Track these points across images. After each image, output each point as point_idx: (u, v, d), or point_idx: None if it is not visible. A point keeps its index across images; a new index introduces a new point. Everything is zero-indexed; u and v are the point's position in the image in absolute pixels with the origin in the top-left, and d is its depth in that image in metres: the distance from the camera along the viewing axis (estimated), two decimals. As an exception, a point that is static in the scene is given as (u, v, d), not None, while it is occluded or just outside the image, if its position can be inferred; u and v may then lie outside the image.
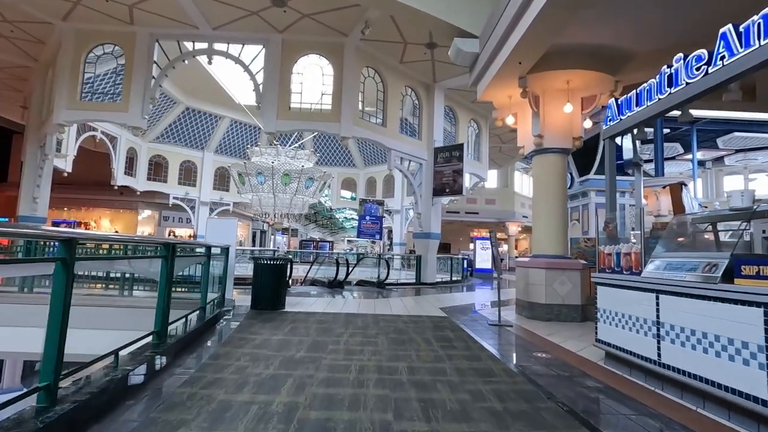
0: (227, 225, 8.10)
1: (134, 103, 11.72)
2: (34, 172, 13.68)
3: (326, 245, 28.82)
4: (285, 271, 7.75)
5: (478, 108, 16.44)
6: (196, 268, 6.75)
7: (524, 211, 30.70)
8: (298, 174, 18.21)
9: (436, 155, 14.18)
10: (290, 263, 11.05)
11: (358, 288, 12.46)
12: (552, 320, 7.31)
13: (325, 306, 8.28)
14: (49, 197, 14.13)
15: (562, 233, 7.82)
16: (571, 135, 7.84)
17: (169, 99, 21.38)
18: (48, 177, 14.00)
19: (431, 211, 14.20)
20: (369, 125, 12.63)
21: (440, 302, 9.67)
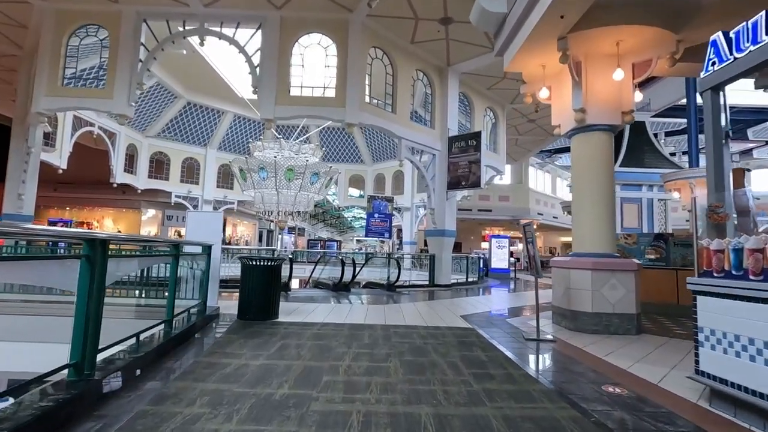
0: (211, 219, 6.84)
1: (119, 89, 10.54)
2: (19, 167, 12.57)
3: (334, 244, 27.60)
4: (278, 274, 6.46)
5: (494, 95, 15.04)
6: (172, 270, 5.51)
7: (539, 208, 29.22)
8: (303, 169, 16.96)
9: (451, 145, 12.81)
10: (290, 264, 9.78)
11: (365, 291, 11.15)
12: (600, 332, 5.92)
13: (327, 314, 6.97)
14: (35, 194, 13.02)
15: (610, 227, 6.42)
16: (619, 109, 6.43)
17: (170, 93, 20.30)
18: (34, 173, 12.88)
19: (445, 206, 12.84)
20: (377, 111, 11.31)
21: (459, 308, 8.31)
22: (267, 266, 6.29)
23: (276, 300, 6.41)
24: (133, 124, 20.66)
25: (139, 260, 4.19)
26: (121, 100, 10.52)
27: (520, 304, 9.45)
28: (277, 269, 6.41)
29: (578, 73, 6.42)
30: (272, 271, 6.33)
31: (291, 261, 9.93)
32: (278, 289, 6.46)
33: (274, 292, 6.34)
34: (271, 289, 6.31)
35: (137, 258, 4.11)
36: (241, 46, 10.67)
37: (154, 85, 19.25)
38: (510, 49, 6.98)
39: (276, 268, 6.38)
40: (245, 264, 6.27)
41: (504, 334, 5.90)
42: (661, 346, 5.31)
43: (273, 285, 6.34)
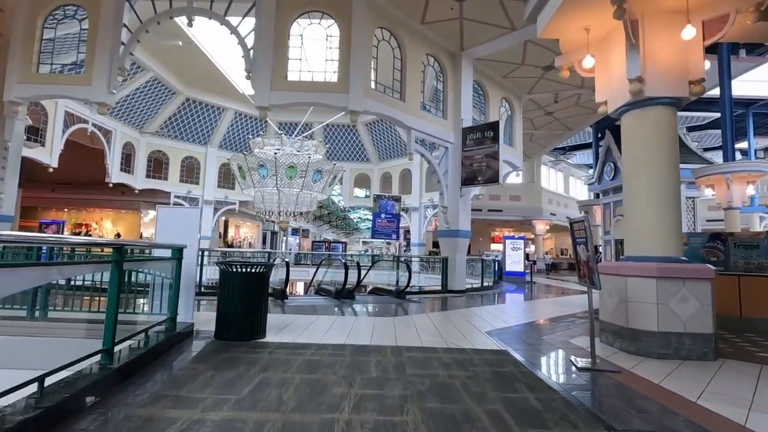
0: (186, 217, 5.61)
1: (99, 76, 9.38)
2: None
3: (339, 246, 26.38)
4: (266, 283, 5.22)
5: (511, 84, 13.74)
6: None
7: (552, 207, 27.83)
8: (305, 167, 15.77)
9: (465, 137, 11.53)
10: (286, 268, 8.56)
11: (371, 298, 9.88)
12: (668, 357, 4.62)
13: (326, 330, 5.72)
14: (15, 194, 11.91)
15: (676, 224, 5.11)
16: (686, 77, 5.13)
17: (167, 89, 19.21)
18: (14, 170, 11.75)
19: (459, 204, 11.55)
20: (383, 98, 10.06)
21: (481, 321, 7.02)
22: (251, 273, 5.05)
23: (262, 315, 5.16)
24: (129, 121, 19.61)
25: (42, 270, 2.94)
26: (100, 87, 9.37)
27: (550, 314, 8.13)
28: (264, 277, 5.17)
29: (635, 34, 5.13)
30: (258, 279, 5.09)
31: (288, 265, 8.70)
32: (265, 301, 5.22)
33: (259, 306, 5.10)
34: (257, 302, 5.07)
35: (29, 268, 2.85)
36: (234, 27, 9.49)
37: (151, 80, 18.18)
38: (546, 9, 5.70)
39: (262, 275, 5.14)
40: (224, 271, 5.03)
41: (547, 359, 4.61)
42: (760, 378, 4.00)
43: (259, 296, 5.10)
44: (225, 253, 17.22)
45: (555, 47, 11.66)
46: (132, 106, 18.86)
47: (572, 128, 17.54)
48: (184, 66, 18.18)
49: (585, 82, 13.41)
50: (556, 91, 13.99)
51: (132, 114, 19.26)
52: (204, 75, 18.71)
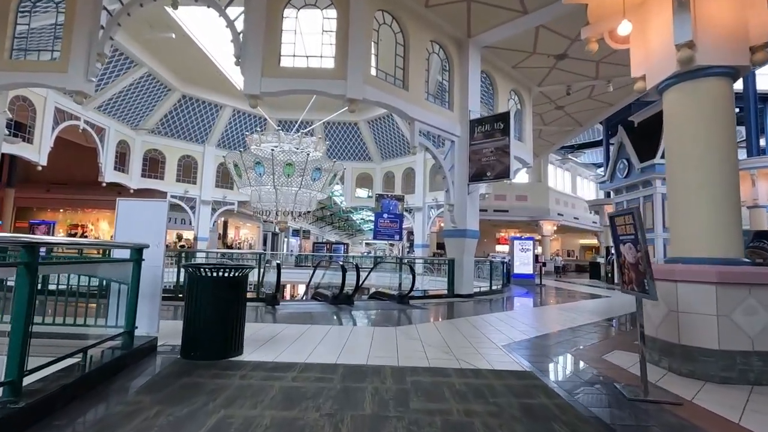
0: (152, 211, 4.77)
1: (76, 62, 8.58)
2: (-25, 160, 10.68)
3: (341, 248, 25.52)
4: (242, 289, 4.36)
5: (521, 75, 12.85)
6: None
7: (559, 208, 26.87)
8: (303, 164, 14.93)
9: (473, 130, 10.65)
10: (277, 270, 7.70)
11: (372, 304, 8.98)
12: (733, 381, 3.71)
13: (316, 344, 4.84)
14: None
15: (737, 219, 4.21)
16: (746, 42, 4.24)
17: (162, 85, 18.44)
18: (-6, 166, 11.00)
19: (467, 201, 10.66)
20: (385, 85, 9.20)
21: (495, 331, 6.12)
22: (224, 279, 4.19)
23: (238, 327, 4.29)
24: (123, 119, 18.85)
25: None
26: (77, 74, 8.56)
27: (569, 322, 7.21)
28: (240, 283, 4.30)
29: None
30: (232, 285, 4.22)
31: (279, 267, 7.83)
32: (241, 310, 4.35)
33: (234, 317, 4.23)
34: (231, 312, 4.20)
35: None
36: (222, 9, 8.66)
37: (144, 75, 17.42)
38: (575, -33, 4.82)
39: (238, 281, 4.28)
40: (191, 275, 4.17)
41: (585, 384, 3.71)
42: None
43: (233, 306, 4.23)
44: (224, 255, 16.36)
45: (570, 32, 10.78)
46: (126, 103, 18.10)
47: (583, 124, 16.62)
48: (179, 61, 17.41)
49: (600, 73, 12.52)
50: (568, 82, 13.08)
51: (126, 111, 18.50)
52: (200, 70, 17.94)
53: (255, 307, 7.72)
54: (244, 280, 4.38)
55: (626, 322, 7.75)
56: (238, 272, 4.30)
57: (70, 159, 20.87)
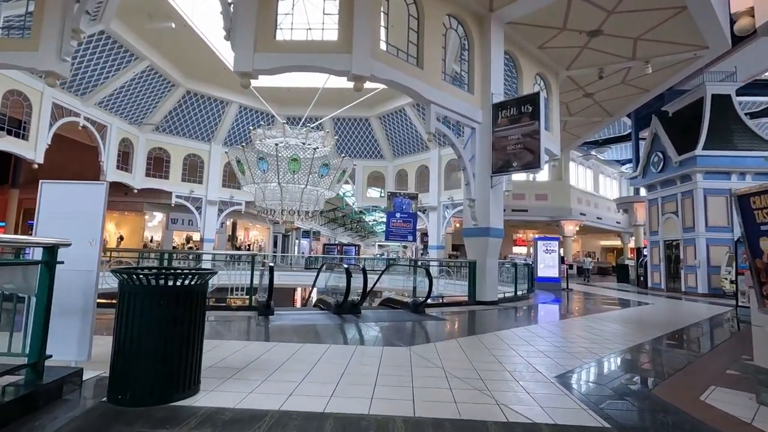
0: (84, 196, 3.56)
1: (48, 39, 7.51)
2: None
3: (352, 250, 24.28)
4: (198, 302, 3.10)
5: (547, 57, 11.45)
6: None
7: (581, 207, 25.19)
8: (310, 160, 13.73)
9: (496, 115, 9.31)
10: (270, 274, 6.48)
11: (382, 314, 7.67)
12: None
13: (303, 376, 3.55)
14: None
15: None
16: None
17: (165, 80, 17.52)
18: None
19: (490, 196, 9.31)
20: (396, 62, 7.94)
21: (539, 353, 4.76)
22: (171, 289, 2.95)
23: (191, 357, 3.04)
24: (126, 115, 17.98)
25: None
26: (49, 52, 7.49)
27: (627, 340, 5.80)
28: (194, 294, 3.05)
29: None
30: (184, 297, 2.98)
31: (272, 271, 6.61)
32: (197, 332, 3.10)
33: (186, 342, 2.99)
34: (180, 336, 2.95)
35: None
36: (210, -23, 7.52)
37: (146, 70, 16.51)
38: None
39: (192, 291, 3.03)
40: (124, 284, 2.94)
41: (708, 458, 2.35)
42: None
43: (185, 326, 2.98)
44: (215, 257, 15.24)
45: (607, 2, 9.39)
46: (128, 99, 17.22)
47: (613, 114, 15.07)
48: (182, 54, 16.46)
49: (637, 52, 11.05)
50: (601, 64, 11.62)
51: (128, 107, 17.62)
52: (204, 64, 16.97)
53: (247, 317, 6.50)
54: (201, 291, 3.13)
55: (692, 339, 6.31)
56: (192, 279, 3.05)
57: (77, 159, 20.11)
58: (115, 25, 14.15)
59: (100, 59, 14.94)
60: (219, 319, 6.36)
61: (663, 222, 15.38)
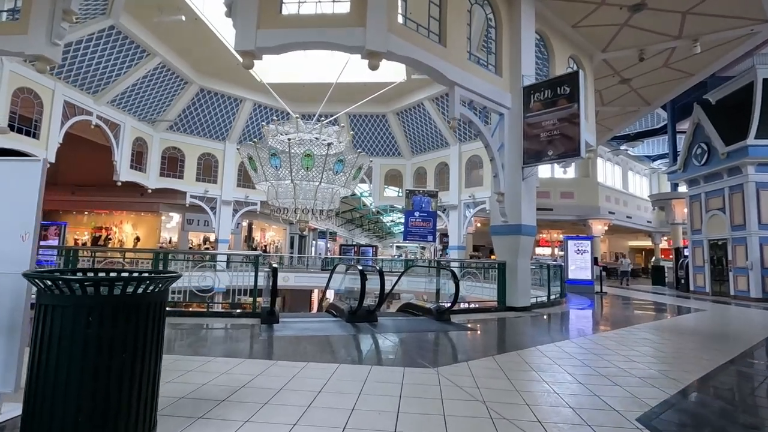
0: (11, 177, 2.72)
1: (37, 21, 6.87)
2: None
3: (369, 251, 23.39)
4: (150, 318, 2.22)
5: (582, 37, 10.32)
6: None
7: (610, 206, 23.69)
8: (324, 156, 12.89)
9: (528, 98, 8.26)
10: (273, 276, 5.62)
11: (401, 322, 6.71)
12: None
13: (297, 416, 2.64)
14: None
15: None
16: None
17: (178, 78, 16.99)
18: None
19: (521, 188, 8.28)
20: (416, 37, 6.99)
21: (600, 376, 3.74)
22: (109, 301, 2.07)
23: (140, 393, 2.16)
24: (139, 114, 17.53)
25: None
26: (38, 35, 6.83)
27: (700, 357, 4.71)
28: (148, 307, 2.17)
29: None
30: (129, 312, 2.11)
31: (275, 273, 5.74)
32: (149, 359, 2.21)
33: (131, 375, 2.11)
34: (122, 367, 2.08)
35: None
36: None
37: (159, 66, 15.99)
38: None
39: (144, 303, 2.16)
40: (41, 293, 2.08)
41: None
42: None
43: (129, 354, 2.10)
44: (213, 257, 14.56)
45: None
46: (141, 97, 16.76)
47: (651, 102, 13.76)
48: (194, 50, 15.89)
49: (684, 29, 9.81)
50: (642, 45, 10.42)
51: (141, 106, 17.17)
52: (216, 60, 16.36)
53: (247, 326, 5.65)
54: (155, 302, 2.25)
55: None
56: (140, 287, 2.18)
57: (91, 158, 19.87)
58: (125, 20, 13.65)
59: (111, 56, 14.47)
60: (215, 328, 5.53)
61: (707, 220, 13.95)
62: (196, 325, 5.57)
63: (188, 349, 4.34)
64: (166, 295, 2.41)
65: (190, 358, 3.90)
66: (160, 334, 2.32)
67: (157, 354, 2.30)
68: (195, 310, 6.27)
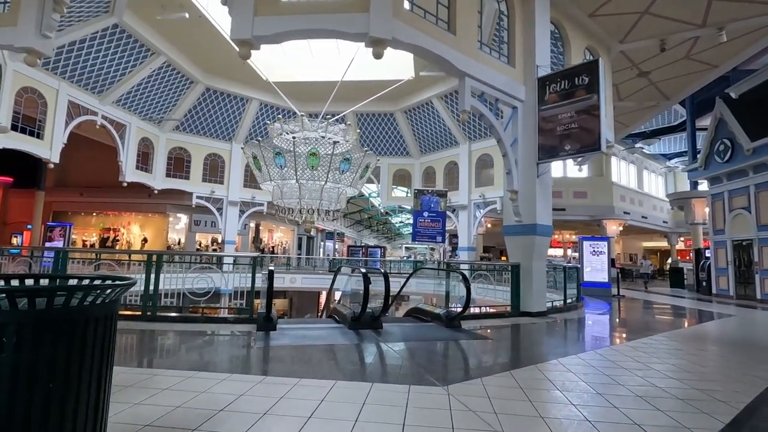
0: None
1: (27, 11, 6.54)
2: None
3: (377, 251, 22.92)
4: (96, 339, 1.77)
5: (599, 27, 9.74)
6: None
7: (625, 206, 22.88)
8: (329, 155, 12.46)
9: (543, 90, 7.73)
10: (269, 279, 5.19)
11: (408, 330, 6.21)
12: None
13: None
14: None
15: None
16: None
17: (184, 77, 16.72)
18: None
19: (536, 186, 7.73)
20: (423, 24, 6.51)
21: (635, 398, 3.21)
22: (27, 316, 1.63)
23: (77, 429, 1.71)
24: (145, 114, 17.31)
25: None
26: (27, 27, 6.50)
27: (751, 374, 4.14)
28: (86, 324, 1.72)
29: None
30: (58, 331, 1.66)
31: (271, 275, 5.30)
32: (90, 389, 1.76)
33: (60, 410, 1.66)
34: (46, 400, 1.63)
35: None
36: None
37: (163, 66, 15.73)
38: None
39: (80, 320, 1.70)
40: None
41: None
42: None
43: (59, 384, 1.66)
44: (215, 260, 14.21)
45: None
46: (146, 97, 16.53)
47: (671, 97, 13.08)
48: (199, 48, 15.61)
49: (710, 16, 9.18)
50: (663, 35, 9.81)
51: (146, 106, 16.94)
52: (221, 59, 16.04)
53: (242, 333, 5.21)
54: (98, 317, 1.80)
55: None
56: (75, 298, 1.73)
57: (96, 159, 19.76)
58: (128, 18, 13.40)
59: (115, 55, 14.24)
60: (206, 335, 5.09)
61: (731, 219, 13.22)
62: (186, 332, 5.15)
63: (170, 362, 3.91)
64: (115, 307, 1.96)
65: (169, 373, 3.46)
66: (106, 357, 1.87)
67: (100, 382, 1.85)
68: (187, 315, 5.86)
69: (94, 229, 22.62)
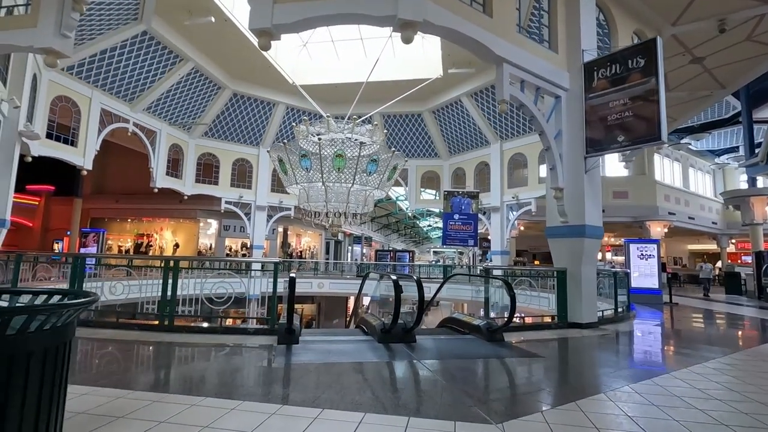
0: None
1: (46, 12, 6.36)
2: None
3: (405, 256, 22.29)
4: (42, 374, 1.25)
5: (648, 9, 8.80)
6: None
7: (670, 206, 21.28)
8: (356, 156, 11.96)
9: (591, 76, 6.92)
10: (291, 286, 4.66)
11: (443, 345, 5.53)
12: None
13: None
14: (10, 194, 9.52)
15: None
16: None
17: (211, 83, 16.70)
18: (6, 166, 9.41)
19: (584, 182, 6.92)
20: (457, 5, 5.86)
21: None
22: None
23: None
24: (175, 121, 17.41)
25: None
26: (47, 27, 6.31)
27: None
28: (34, 353, 1.20)
29: None
30: None
31: (293, 282, 4.77)
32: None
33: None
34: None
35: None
36: None
37: (192, 72, 15.72)
38: None
39: (26, 349, 1.18)
40: None
41: None
42: None
43: None
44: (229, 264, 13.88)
45: None
46: (175, 103, 16.60)
47: (726, 85, 11.86)
48: (225, 53, 15.52)
49: (780, -10, 8.08)
50: (722, 13, 8.77)
51: (176, 112, 17.02)
52: (248, 63, 15.93)
53: (262, 347, 4.70)
54: (47, 346, 1.27)
55: None
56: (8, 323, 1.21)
57: (130, 165, 20.13)
58: (156, 24, 13.42)
59: (145, 62, 14.32)
60: (223, 348, 4.61)
61: None
62: (202, 344, 4.69)
63: (175, 384, 3.42)
64: (67, 332, 1.43)
65: (171, 398, 2.96)
66: (56, 395, 1.35)
67: (48, 426, 1.32)
68: (205, 326, 5.42)
69: (129, 235, 23.06)
